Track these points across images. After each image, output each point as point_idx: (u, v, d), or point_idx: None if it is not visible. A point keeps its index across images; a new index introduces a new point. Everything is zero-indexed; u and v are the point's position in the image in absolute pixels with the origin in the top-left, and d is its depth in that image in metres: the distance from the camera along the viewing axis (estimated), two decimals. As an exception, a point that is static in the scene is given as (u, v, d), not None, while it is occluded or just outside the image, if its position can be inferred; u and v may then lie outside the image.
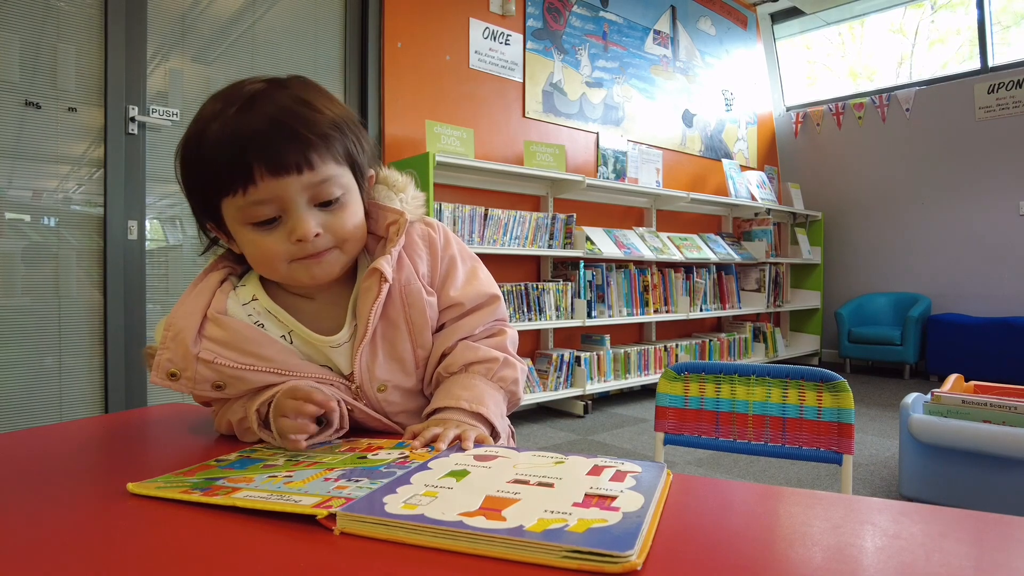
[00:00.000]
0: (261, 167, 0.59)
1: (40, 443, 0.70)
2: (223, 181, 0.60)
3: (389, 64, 3.13)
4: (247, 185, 0.60)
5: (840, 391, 1.04)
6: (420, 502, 0.46)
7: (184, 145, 0.63)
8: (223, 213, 0.63)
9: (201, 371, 0.64)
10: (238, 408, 0.67)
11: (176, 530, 0.45)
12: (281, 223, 0.63)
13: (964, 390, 2.38)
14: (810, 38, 5.59)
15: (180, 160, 0.64)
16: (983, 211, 4.58)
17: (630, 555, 0.38)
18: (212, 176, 0.61)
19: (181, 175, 0.65)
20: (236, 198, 0.61)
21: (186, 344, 0.64)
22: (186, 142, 0.63)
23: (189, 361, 0.64)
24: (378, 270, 0.67)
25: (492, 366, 0.72)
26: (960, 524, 0.47)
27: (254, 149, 0.59)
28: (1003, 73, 4.48)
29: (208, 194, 0.63)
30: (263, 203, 0.61)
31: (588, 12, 4.10)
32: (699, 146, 4.91)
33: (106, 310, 2.37)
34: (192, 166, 0.63)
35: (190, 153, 0.62)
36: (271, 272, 0.66)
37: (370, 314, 0.67)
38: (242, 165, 0.59)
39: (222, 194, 0.61)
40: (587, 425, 3.30)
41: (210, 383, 0.65)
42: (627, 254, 3.76)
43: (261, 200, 0.61)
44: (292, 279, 0.66)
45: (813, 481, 2.38)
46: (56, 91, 2.28)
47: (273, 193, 0.61)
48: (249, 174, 0.59)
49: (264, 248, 0.63)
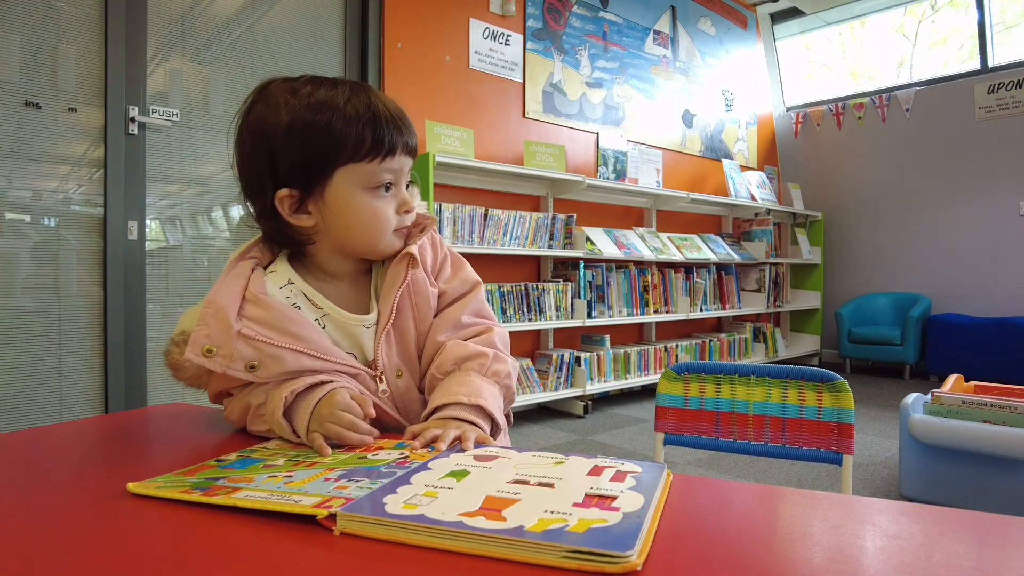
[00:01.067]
0: (397, 143, 0.70)
1: (40, 443, 0.70)
2: (360, 149, 0.67)
3: (389, 64, 3.13)
4: (385, 155, 0.69)
5: (840, 391, 1.04)
6: (420, 502, 0.46)
7: (305, 117, 0.67)
8: (332, 180, 0.68)
9: (240, 348, 0.65)
10: (260, 392, 0.69)
11: (176, 530, 0.45)
12: (390, 194, 0.72)
13: (964, 390, 2.38)
14: (810, 38, 5.60)
15: (299, 129, 0.67)
16: (983, 211, 4.58)
17: (630, 555, 0.38)
18: (349, 144, 0.67)
19: (287, 145, 0.67)
20: (368, 164, 0.68)
21: (228, 321, 0.65)
22: (317, 111, 0.67)
23: (229, 338, 0.65)
24: (409, 254, 0.73)
25: (484, 361, 0.74)
26: (960, 524, 0.47)
27: (396, 128, 0.69)
28: (1003, 73, 4.48)
29: (329, 160, 0.67)
30: (389, 171, 0.70)
31: (588, 12, 4.10)
32: (699, 146, 4.91)
33: (106, 310, 2.37)
34: (320, 132, 0.66)
35: (320, 121, 0.66)
36: (377, 236, 0.71)
37: (395, 296, 0.72)
38: (386, 139, 0.68)
39: (351, 160, 0.67)
40: (587, 425, 3.30)
41: (245, 362, 0.66)
42: (627, 254, 3.76)
43: (390, 169, 0.70)
44: (387, 244, 0.73)
45: (813, 481, 2.38)
46: (56, 91, 2.28)
47: (398, 166, 0.71)
48: (391, 146, 0.69)
49: (382, 212, 0.71)
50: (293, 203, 0.69)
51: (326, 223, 0.70)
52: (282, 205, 0.69)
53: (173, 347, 0.72)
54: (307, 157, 0.67)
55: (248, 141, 0.70)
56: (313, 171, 0.68)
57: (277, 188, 0.69)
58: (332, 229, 0.71)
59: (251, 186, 0.71)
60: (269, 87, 0.71)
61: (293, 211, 0.70)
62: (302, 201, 0.69)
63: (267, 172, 0.69)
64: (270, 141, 0.68)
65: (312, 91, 0.68)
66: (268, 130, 0.68)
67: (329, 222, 0.70)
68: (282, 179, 0.68)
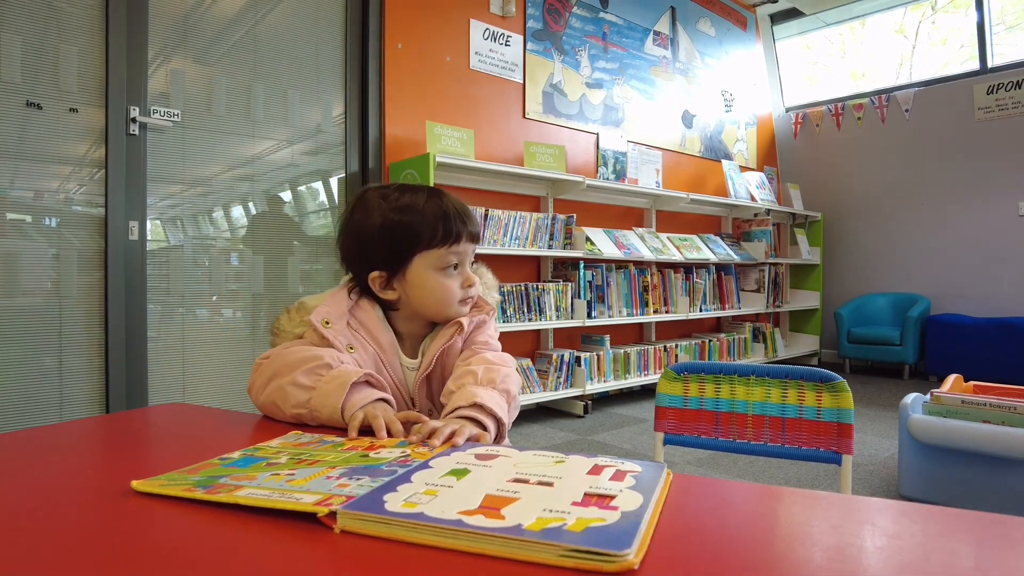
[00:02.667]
0: (462, 232, 0.88)
1: (45, 442, 0.71)
2: (433, 239, 0.86)
3: (389, 65, 3.13)
4: (453, 243, 0.87)
5: (839, 391, 1.05)
6: (420, 500, 0.46)
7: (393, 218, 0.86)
8: (411, 263, 0.87)
9: (345, 331, 0.85)
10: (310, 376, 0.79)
11: (179, 528, 0.46)
12: (457, 272, 0.90)
13: (963, 390, 2.38)
14: (809, 39, 5.60)
15: (388, 228, 0.86)
16: (982, 211, 4.58)
17: (627, 554, 0.38)
18: (430, 234, 0.86)
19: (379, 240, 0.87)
20: (439, 250, 0.87)
21: (343, 308, 0.88)
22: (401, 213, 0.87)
23: (341, 321, 0.86)
24: (461, 323, 0.90)
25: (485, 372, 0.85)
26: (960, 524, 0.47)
27: (460, 221, 0.88)
28: (1002, 74, 4.48)
29: (411, 246, 0.86)
30: (455, 254, 0.88)
31: (588, 13, 4.10)
32: (699, 147, 4.91)
33: (107, 310, 2.37)
34: (404, 229, 0.86)
35: (404, 220, 0.86)
36: (445, 305, 0.89)
37: (436, 352, 0.89)
38: (453, 230, 0.87)
39: (426, 247, 0.86)
40: (587, 425, 3.30)
41: (348, 341, 0.85)
42: (627, 254, 3.76)
43: (456, 252, 0.88)
44: (455, 312, 0.91)
45: (813, 481, 2.38)
46: (58, 92, 2.29)
47: (462, 249, 0.89)
48: (458, 236, 0.88)
49: (449, 287, 0.89)
50: (382, 282, 0.89)
51: (407, 296, 0.89)
52: (374, 283, 0.89)
53: (285, 314, 0.93)
54: (393, 248, 0.87)
55: (350, 237, 0.91)
56: (397, 258, 0.87)
57: (371, 271, 0.88)
58: (411, 301, 0.89)
59: (351, 268, 0.92)
60: (366, 195, 0.91)
61: (382, 288, 0.89)
62: (388, 280, 0.89)
63: (364, 260, 0.89)
64: (365, 238, 0.88)
65: (399, 196, 0.88)
66: (364, 231, 0.88)
67: (409, 295, 0.89)
68: (374, 265, 0.88)
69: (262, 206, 2.87)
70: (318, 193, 3.08)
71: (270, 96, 2.83)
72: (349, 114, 3.09)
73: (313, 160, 3.01)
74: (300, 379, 0.76)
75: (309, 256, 3.01)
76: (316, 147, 3.01)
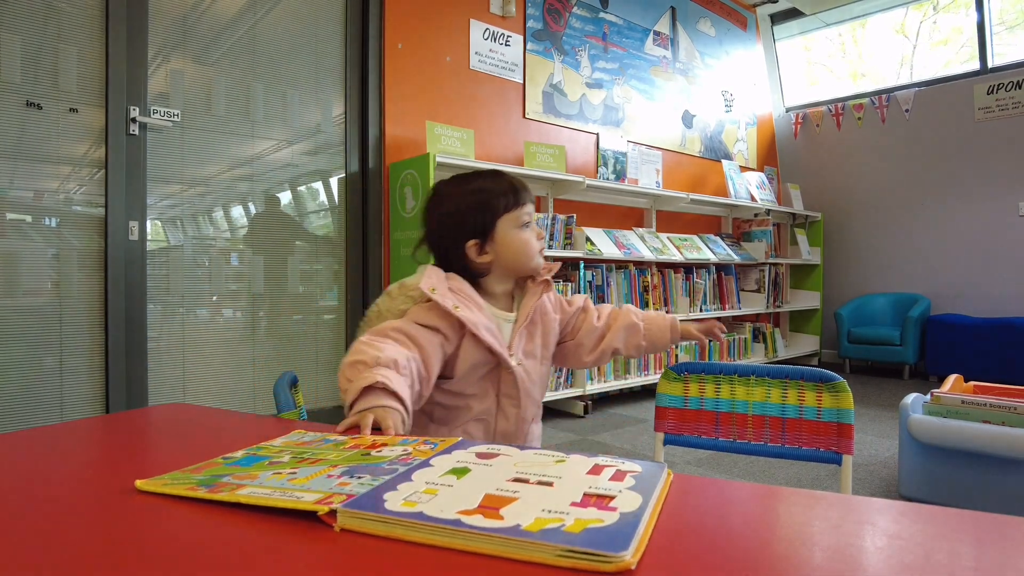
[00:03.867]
0: (526, 198, 1.08)
1: (47, 442, 0.71)
2: (508, 205, 1.06)
3: (389, 65, 3.13)
4: (522, 205, 1.07)
5: (839, 391, 1.05)
6: (420, 499, 0.46)
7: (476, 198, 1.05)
8: (497, 227, 1.05)
9: (448, 295, 0.98)
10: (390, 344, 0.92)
11: (181, 526, 0.46)
12: (529, 228, 1.08)
13: (963, 390, 2.38)
14: (810, 39, 5.60)
15: (474, 204, 1.05)
16: (983, 211, 4.58)
17: (624, 555, 0.38)
18: (505, 202, 1.06)
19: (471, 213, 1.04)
20: (515, 212, 1.06)
21: (442, 278, 1.01)
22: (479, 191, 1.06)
23: (444, 287, 1.00)
24: (548, 281, 1.10)
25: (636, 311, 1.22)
26: (960, 524, 0.47)
27: (524, 189, 1.09)
28: (1002, 74, 4.48)
29: (495, 213, 1.05)
30: (526, 214, 1.08)
31: (588, 13, 4.10)
32: (699, 147, 4.91)
33: (107, 310, 2.37)
34: (488, 200, 1.05)
35: (487, 193, 1.06)
36: (529, 259, 1.07)
37: (533, 305, 1.08)
38: (521, 197, 1.07)
39: (505, 211, 1.05)
40: (587, 425, 3.30)
41: (454, 302, 0.98)
42: (627, 255, 3.76)
43: (526, 212, 1.08)
44: (536, 263, 1.09)
45: (813, 481, 2.38)
46: (57, 92, 2.29)
47: (529, 211, 1.09)
48: (524, 200, 1.08)
49: (529, 240, 1.07)
50: (477, 248, 1.05)
51: (498, 255, 1.05)
52: (471, 251, 1.04)
53: (385, 297, 1.07)
54: (483, 217, 1.05)
55: (443, 219, 1.07)
56: (486, 225, 1.04)
57: (467, 241, 1.04)
58: (502, 259, 1.06)
59: (445, 245, 1.06)
60: (440, 187, 1.10)
61: (478, 254, 1.05)
62: (481, 246, 1.05)
63: (460, 234, 1.05)
64: (459, 216, 1.05)
65: (473, 179, 1.09)
66: (457, 210, 1.05)
67: (499, 253, 1.05)
68: (469, 236, 1.04)
69: (262, 206, 2.87)
70: (318, 193, 3.08)
71: (270, 96, 2.83)
72: (349, 114, 3.09)
73: (313, 160, 3.01)
74: (347, 371, 0.86)
75: (309, 256, 3.01)
76: (316, 147, 3.01)
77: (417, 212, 2.85)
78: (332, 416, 3.02)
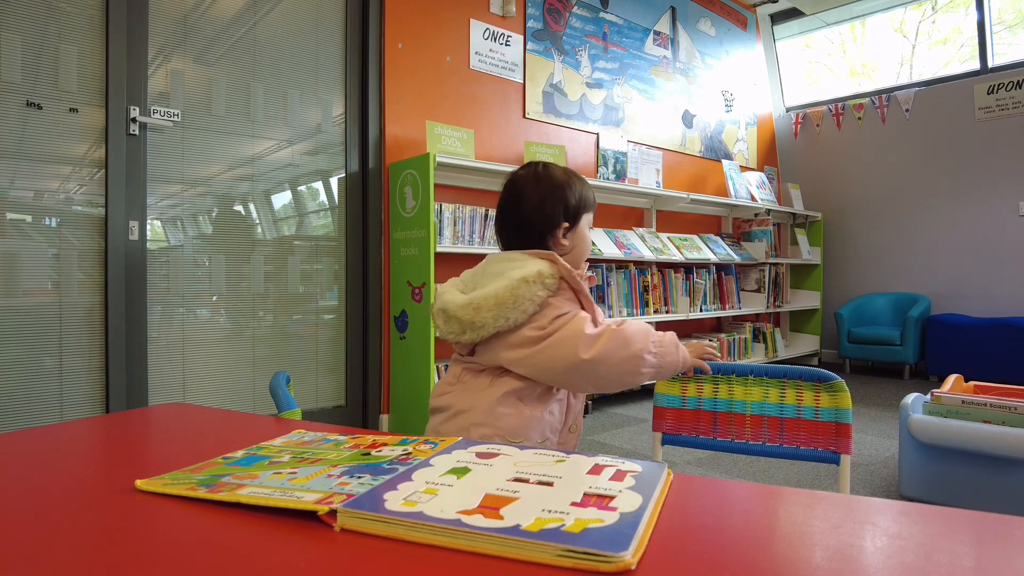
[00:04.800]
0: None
1: (46, 442, 0.71)
2: (593, 204, 1.16)
3: (390, 65, 3.13)
4: (595, 209, 1.17)
5: (838, 391, 1.05)
6: (420, 499, 0.46)
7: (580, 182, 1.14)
8: (580, 220, 1.13)
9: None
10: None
11: (182, 526, 0.46)
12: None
13: (964, 390, 2.38)
14: (810, 39, 5.60)
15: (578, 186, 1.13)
16: (983, 211, 4.58)
17: (624, 555, 0.38)
18: (591, 201, 1.15)
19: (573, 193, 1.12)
20: (591, 213, 1.16)
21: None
22: (580, 180, 1.15)
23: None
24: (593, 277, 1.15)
25: None
26: (960, 524, 0.47)
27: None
28: (1003, 74, 4.48)
29: (586, 205, 1.14)
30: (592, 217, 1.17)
31: (588, 13, 4.10)
32: (699, 147, 4.91)
33: (107, 310, 2.37)
34: (585, 192, 1.14)
35: (583, 184, 1.15)
36: (587, 253, 1.16)
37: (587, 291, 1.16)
38: (595, 199, 1.17)
39: (589, 209, 1.15)
40: (587, 425, 3.30)
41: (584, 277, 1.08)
42: (627, 254, 3.76)
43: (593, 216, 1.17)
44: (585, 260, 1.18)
45: (812, 481, 2.38)
46: (58, 92, 2.29)
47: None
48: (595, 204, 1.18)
49: (590, 240, 1.17)
50: (565, 231, 1.12)
51: (574, 244, 1.13)
52: (562, 232, 1.11)
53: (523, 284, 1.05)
54: (578, 205, 1.13)
55: (545, 193, 1.12)
56: (579, 215, 1.13)
57: (562, 221, 1.11)
58: (575, 248, 1.13)
59: (541, 221, 1.11)
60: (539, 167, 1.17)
61: (563, 236, 1.12)
62: (567, 232, 1.12)
63: (559, 212, 1.11)
64: (565, 193, 1.12)
65: (562, 171, 1.16)
66: (565, 187, 1.13)
67: (575, 243, 1.13)
68: (564, 217, 1.11)
69: (262, 206, 2.87)
70: (318, 193, 3.08)
71: (270, 96, 2.83)
72: (349, 114, 3.09)
73: (313, 160, 3.01)
74: (647, 346, 0.98)
75: (309, 256, 3.01)
76: (316, 147, 3.01)
77: (417, 212, 2.85)
78: (332, 416, 3.02)
